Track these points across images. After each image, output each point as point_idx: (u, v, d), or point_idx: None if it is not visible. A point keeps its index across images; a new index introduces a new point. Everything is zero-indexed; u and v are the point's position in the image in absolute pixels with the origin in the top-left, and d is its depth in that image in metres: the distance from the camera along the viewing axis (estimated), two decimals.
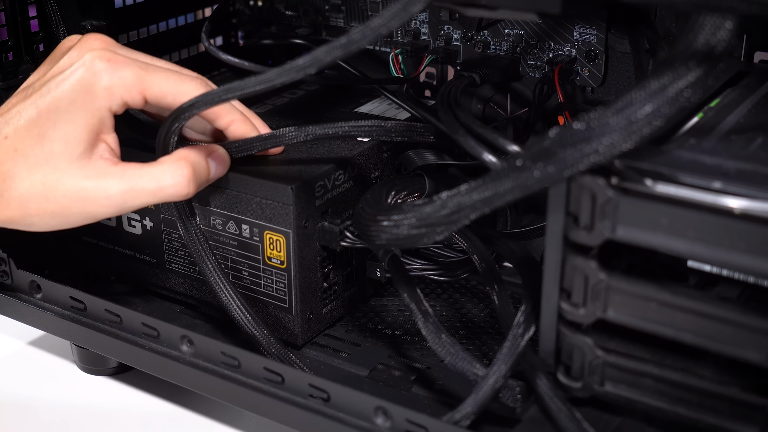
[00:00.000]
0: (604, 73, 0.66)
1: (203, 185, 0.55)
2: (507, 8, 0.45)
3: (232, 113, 0.57)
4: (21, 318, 0.64)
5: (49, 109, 0.53)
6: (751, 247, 0.40)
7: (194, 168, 0.54)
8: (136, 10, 0.75)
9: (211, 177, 0.56)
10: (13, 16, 0.67)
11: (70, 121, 0.53)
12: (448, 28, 0.71)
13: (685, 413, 0.45)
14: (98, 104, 0.53)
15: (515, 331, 0.49)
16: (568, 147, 0.41)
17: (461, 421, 0.48)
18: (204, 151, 0.56)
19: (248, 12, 0.81)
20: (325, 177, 0.58)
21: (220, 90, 0.51)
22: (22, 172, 0.53)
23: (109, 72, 0.53)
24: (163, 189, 0.53)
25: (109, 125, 0.54)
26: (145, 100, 0.54)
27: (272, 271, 0.58)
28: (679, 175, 0.42)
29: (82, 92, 0.53)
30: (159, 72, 0.54)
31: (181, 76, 0.55)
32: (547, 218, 0.45)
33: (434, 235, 0.45)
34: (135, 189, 0.53)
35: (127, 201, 0.53)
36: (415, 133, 0.60)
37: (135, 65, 0.54)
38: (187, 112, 0.53)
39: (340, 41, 0.45)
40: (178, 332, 0.58)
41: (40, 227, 0.55)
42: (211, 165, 0.56)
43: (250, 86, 0.49)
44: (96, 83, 0.53)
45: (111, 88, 0.53)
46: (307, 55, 0.46)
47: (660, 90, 0.40)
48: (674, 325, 0.43)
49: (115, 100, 0.53)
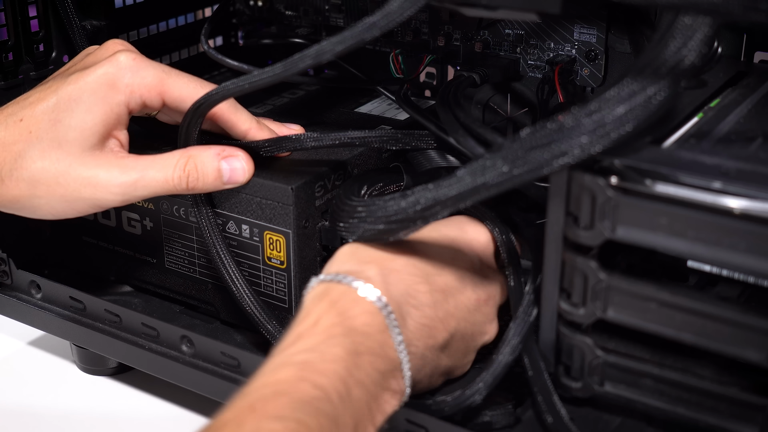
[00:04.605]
0: (604, 73, 0.66)
1: (213, 185, 0.55)
2: (507, 8, 0.45)
3: (249, 121, 0.58)
4: (21, 318, 0.64)
5: (70, 98, 0.54)
6: (751, 247, 0.40)
7: (198, 165, 0.55)
8: (136, 10, 0.75)
9: (226, 180, 0.56)
10: (13, 16, 0.67)
11: (88, 112, 0.54)
12: (448, 28, 0.71)
13: (685, 413, 0.45)
14: (118, 99, 0.54)
15: (525, 306, 0.49)
16: (537, 148, 0.42)
17: (473, 396, 0.48)
18: (220, 151, 0.56)
19: (248, 12, 0.81)
20: (325, 177, 0.58)
21: (241, 79, 0.51)
22: (34, 154, 0.54)
23: (132, 70, 0.55)
24: (168, 182, 0.54)
25: (125, 122, 0.56)
26: (163, 103, 0.56)
27: (272, 271, 0.58)
28: (679, 175, 0.42)
29: (105, 86, 0.54)
30: (181, 77, 0.56)
31: (201, 83, 0.56)
32: (546, 218, 0.45)
33: (408, 230, 0.47)
34: (145, 179, 0.54)
35: (137, 190, 0.54)
36: (418, 141, 0.60)
37: (158, 68, 0.56)
38: (207, 102, 0.53)
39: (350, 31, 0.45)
40: (178, 332, 0.58)
41: (44, 212, 0.55)
42: (225, 168, 0.55)
43: (267, 75, 0.49)
44: (120, 79, 0.54)
45: (132, 85, 0.54)
46: (314, 46, 0.47)
47: (631, 95, 0.41)
48: (674, 325, 0.43)
49: (134, 98, 0.55)
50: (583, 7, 0.53)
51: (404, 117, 0.68)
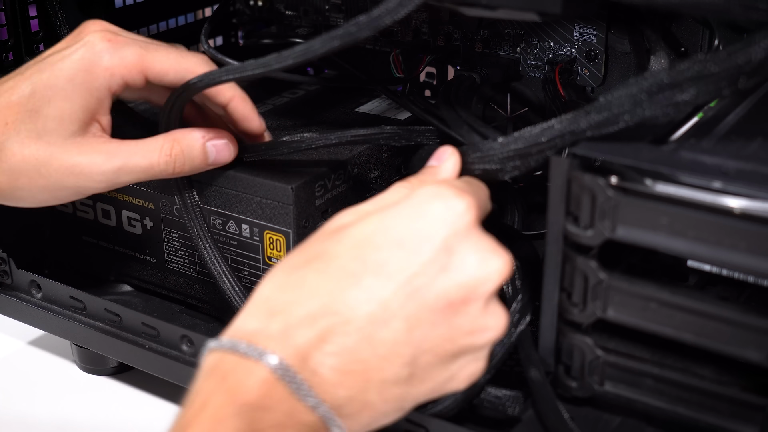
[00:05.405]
0: (604, 73, 0.66)
1: (199, 167, 0.55)
2: (507, 8, 0.45)
3: (233, 89, 0.56)
4: (21, 318, 0.64)
5: (45, 86, 0.52)
6: (751, 247, 0.40)
7: (184, 149, 0.54)
8: (136, 10, 0.75)
9: (210, 161, 0.55)
10: (13, 15, 0.67)
11: (67, 99, 0.52)
12: (448, 28, 0.71)
13: (685, 413, 0.45)
14: (98, 84, 0.53)
15: (511, 319, 0.48)
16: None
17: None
18: (204, 134, 0.55)
19: (248, 12, 0.81)
20: (325, 177, 0.58)
21: (223, 69, 0.52)
22: (13, 146, 0.53)
23: (109, 52, 0.53)
24: (154, 167, 0.54)
25: (107, 106, 0.54)
26: (146, 79, 0.54)
27: None
28: (679, 175, 0.42)
29: (81, 71, 0.52)
30: (160, 50, 0.54)
31: (181, 53, 0.55)
32: (547, 218, 0.45)
33: None
34: (128, 165, 0.53)
35: (120, 177, 0.54)
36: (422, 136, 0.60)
37: (135, 44, 0.54)
38: (191, 88, 0.53)
39: (337, 32, 0.46)
40: (178, 332, 0.58)
41: (27, 201, 0.55)
42: (210, 149, 0.55)
43: (248, 69, 0.50)
44: (97, 63, 0.53)
45: (112, 68, 0.53)
46: (304, 43, 0.47)
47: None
48: (674, 325, 0.44)
49: (115, 80, 0.53)
50: (583, 7, 0.53)
51: (405, 116, 0.68)
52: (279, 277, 0.43)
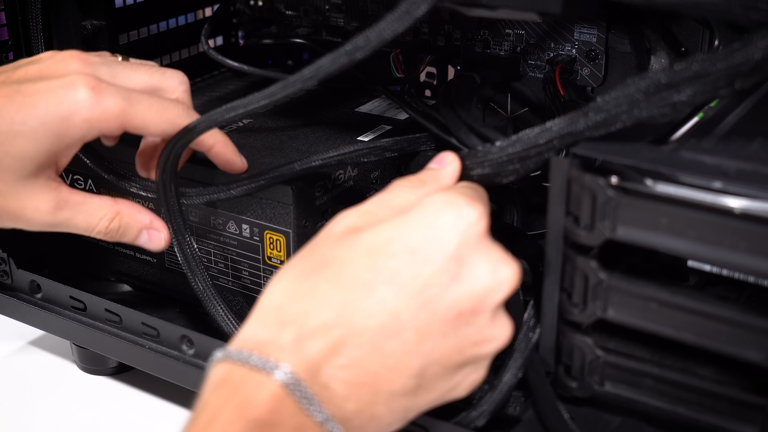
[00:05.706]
0: (605, 72, 0.66)
1: (128, 242, 0.55)
2: (507, 8, 0.45)
3: (216, 135, 0.54)
4: (21, 318, 0.65)
5: (13, 121, 0.49)
6: (751, 247, 0.40)
7: (123, 226, 0.54)
8: (136, 10, 0.75)
9: (137, 243, 0.55)
10: (13, 16, 0.67)
11: (35, 141, 0.49)
12: (448, 28, 0.71)
13: (685, 413, 0.45)
14: (72, 133, 0.50)
15: (526, 325, 0.49)
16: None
17: (478, 419, 0.48)
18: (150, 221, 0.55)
19: (248, 12, 0.81)
20: (325, 177, 0.58)
21: (223, 109, 0.49)
22: None
23: (91, 102, 0.49)
24: (90, 231, 0.54)
25: (73, 152, 0.52)
26: (123, 130, 0.51)
27: (272, 271, 0.58)
28: (679, 175, 0.42)
29: (58, 118, 0.49)
30: (141, 101, 0.51)
31: (164, 104, 0.52)
32: (547, 218, 0.45)
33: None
34: (68, 222, 0.53)
35: (57, 227, 0.53)
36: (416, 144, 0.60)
37: (118, 95, 0.50)
38: (189, 134, 0.51)
39: (345, 48, 0.44)
40: (178, 332, 0.58)
41: None
42: (144, 236, 0.55)
43: (254, 102, 0.48)
44: (76, 113, 0.49)
45: (90, 120, 0.50)
46: (312, 65, 0.45)
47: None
48: (674, 325, 0.44)
49: (92, 131, 0.50)
50: (583, 7, 0.53)
51: (404, 117, 0.68)
52: (289, 284, 0.42)
